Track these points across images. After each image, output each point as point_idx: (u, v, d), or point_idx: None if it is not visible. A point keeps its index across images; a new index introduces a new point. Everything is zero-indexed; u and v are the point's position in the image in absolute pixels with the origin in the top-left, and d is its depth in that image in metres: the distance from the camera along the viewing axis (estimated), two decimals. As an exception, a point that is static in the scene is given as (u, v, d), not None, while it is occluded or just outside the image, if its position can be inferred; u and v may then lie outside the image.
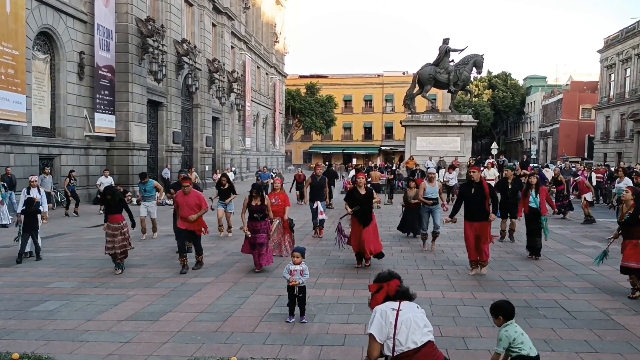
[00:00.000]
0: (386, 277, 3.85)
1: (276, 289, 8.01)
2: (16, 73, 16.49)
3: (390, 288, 3.76)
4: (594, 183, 21.34)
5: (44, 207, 11.02)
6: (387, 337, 3.57)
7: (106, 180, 18.44)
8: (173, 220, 11.06)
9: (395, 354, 3.56)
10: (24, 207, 10.41)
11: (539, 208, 10.24)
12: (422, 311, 3.76)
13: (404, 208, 13.44)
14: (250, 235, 9.06)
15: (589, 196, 16.46)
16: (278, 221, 9.48)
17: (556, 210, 10.93)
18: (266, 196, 9.44)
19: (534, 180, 10.41)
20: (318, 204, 13.18)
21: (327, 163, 43.03)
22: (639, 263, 7.41)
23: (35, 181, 11.36)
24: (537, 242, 10.34)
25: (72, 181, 18.01)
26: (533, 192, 10.31)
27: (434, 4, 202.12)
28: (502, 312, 4.26)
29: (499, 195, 12.14)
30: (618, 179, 15.85)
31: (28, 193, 10.81)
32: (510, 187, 12.23)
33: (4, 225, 14.53)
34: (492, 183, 21.33)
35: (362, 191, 9.33)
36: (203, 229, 9.51)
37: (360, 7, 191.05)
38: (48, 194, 16.56)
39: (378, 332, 3.57)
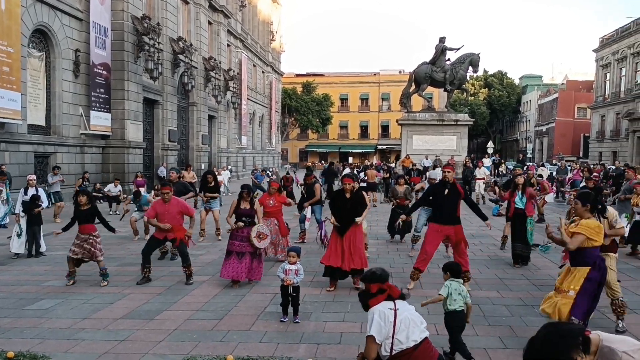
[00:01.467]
0: (385, 278, 3.84)
1: (272, 287, 8.00)
2: (11, 71, 16.41)
3: (393, 291, 3.76)
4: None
5: (44, 204, 10.95)
6: (385, 337, 3.58)
7: (115, 190, 18.00)
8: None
9: (393, 352, 3.58)
10: (30, 204, 10.42)
11: (524, 209, 9.79)
12: (413, 307, 3.80)
13: (393, 206, 12.94)
14: (241, 225, 8.13)
15: (549, 197, 16.58)
16: (259, 226, 8.27)
17: (539, 214, 10.34)
18: (256, 201, 8.71)
19: (520, 180, 9.92)
20: (308, 209, 12.51)
21: (322, 161, 43.02)
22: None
23: (34, 180, 11.14)
24: (518, 248, 9.73)
25: (84, 182, 17.84)
26: (520, 192, 9.82)
27: (430, 3, 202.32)
28: (449, 270, 5.51)
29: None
30: (583, 178, 15.93)
31: (26, 193, 10.73)
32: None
33: (4, 226, 14.27)
34: (483, 182, 21.45)
35: (347, 195, 8.03)
36: (186, 237, 8.52)
37: (356, 5, 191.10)
38: (57, 193, 16.50)
39: (378, 333, 3.58)
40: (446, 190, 8.04)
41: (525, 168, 21.79)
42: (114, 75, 22.36)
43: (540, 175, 20.99)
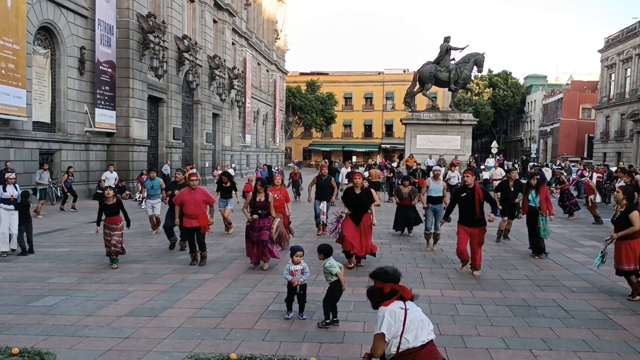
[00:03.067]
0: (397, 278, 3.84)
1: (275, 285, 8.04)
2: (17, 68, 16.47)
3: (405, 293, 3.77)
4: (594, 183, 21.38)
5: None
6: (393, 336, 3.60)
7: (111, 175, 18.41)
8: (166, 218, 11.03)
9: (399, 351, 3.60)
10: (19, 201, 10.41)
11: (537, 207, 10.29)
12: (420, 309, 3.82)
13: (397, 205, 13.24)
14: (255, 218, 8.91)
15: (597, 198, 16.58)
16: (280, 219, 9.32)
17: (552, 215, 10.65)
18: (269, 193, 9.34)
19: (533, 182, 10.45)
20: (324, 204, 13.03)
21: (326, 160, 43.07)
22: (630, 265, 7.32)
23: (13, 178, 10.92)
24: (539, 242, 10.41)
25: (70, 177, 18.00)
26: (533, 192, 10.37)
27: (435, 2, 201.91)
28: (323, 252, 6.31)
29: (498, 194, 12.21)
30: (618, 179, 15.82)
31: (5, 190, 10.51)
32: (512, 188, 12.21)
33: None
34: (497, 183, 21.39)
35: (357, 191, 9.16)
36: (208, 226, 9.50)
37: (360, 7, 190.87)
38: (43, 190, 16.59)
39: (388, 331, 3.60)
40: (466, 194, 8.71)
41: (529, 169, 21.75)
42: (119, 72, 22.42)
43: (582, 175, 20.95)
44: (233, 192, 13.23)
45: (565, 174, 19.59)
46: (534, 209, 10.34)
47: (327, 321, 6.19)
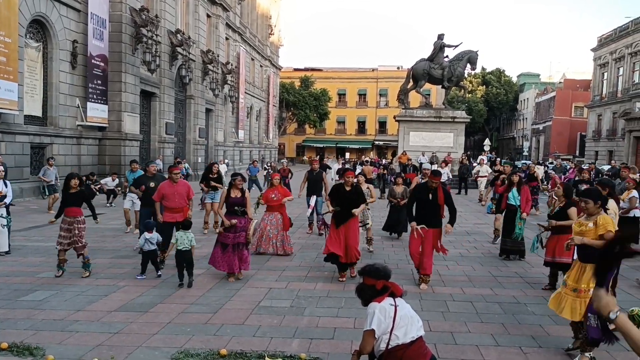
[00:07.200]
0: (388, 275, 3.84)
1: (267, 282, 8.04)
2: (8, 61, 16.34)
3: (396, 289, 3.78)
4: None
5: (8, 199, 10.00)
6: (383, 332, 3.61)
7: (112, 184, 17.88)
8: (140, 218, 10.53)
9: (389, 347, 3.61)
10: (9, 201, 10.17)
11: (517, 206, 9.92)
12: (409, 305, 3.83)
13: (389, 206, 13.04)
14: (230, 224, 7.95)
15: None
16: (256, 221, 8.51)
17: (528, 212, 10.46)
18: (246, 191, 8.48)
19: (515, 178, 10.19)
20: (314, 198, 12.89)
21: (320, 155, 43.07)
22: (562, 257, 7.30)
23: (2, 171, 10.30)
24: (507, 244, 10.04)
25: (87, 182, 17.21)
26: (515, 190, 10.05)
27: (429, 1, 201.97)
28: (182, 225, 7.78)
29: (491, 189, 12.33)
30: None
31: None
32: (504, 182, 12.16)
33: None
34: (485, 180, 21.50)
35: (348, 188, 8.45)
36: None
37: (355, 6, 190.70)
38: (51, 185, 16.44)
39: (377, 328, 3.61)
40: (429, 195, 8.01)
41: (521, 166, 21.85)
42: (112, 67, 22.28)
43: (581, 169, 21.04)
44: (220, 183, 12.74)
45: (537, 171, 19.69)
46: (514, 207, 9.95)
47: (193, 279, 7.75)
